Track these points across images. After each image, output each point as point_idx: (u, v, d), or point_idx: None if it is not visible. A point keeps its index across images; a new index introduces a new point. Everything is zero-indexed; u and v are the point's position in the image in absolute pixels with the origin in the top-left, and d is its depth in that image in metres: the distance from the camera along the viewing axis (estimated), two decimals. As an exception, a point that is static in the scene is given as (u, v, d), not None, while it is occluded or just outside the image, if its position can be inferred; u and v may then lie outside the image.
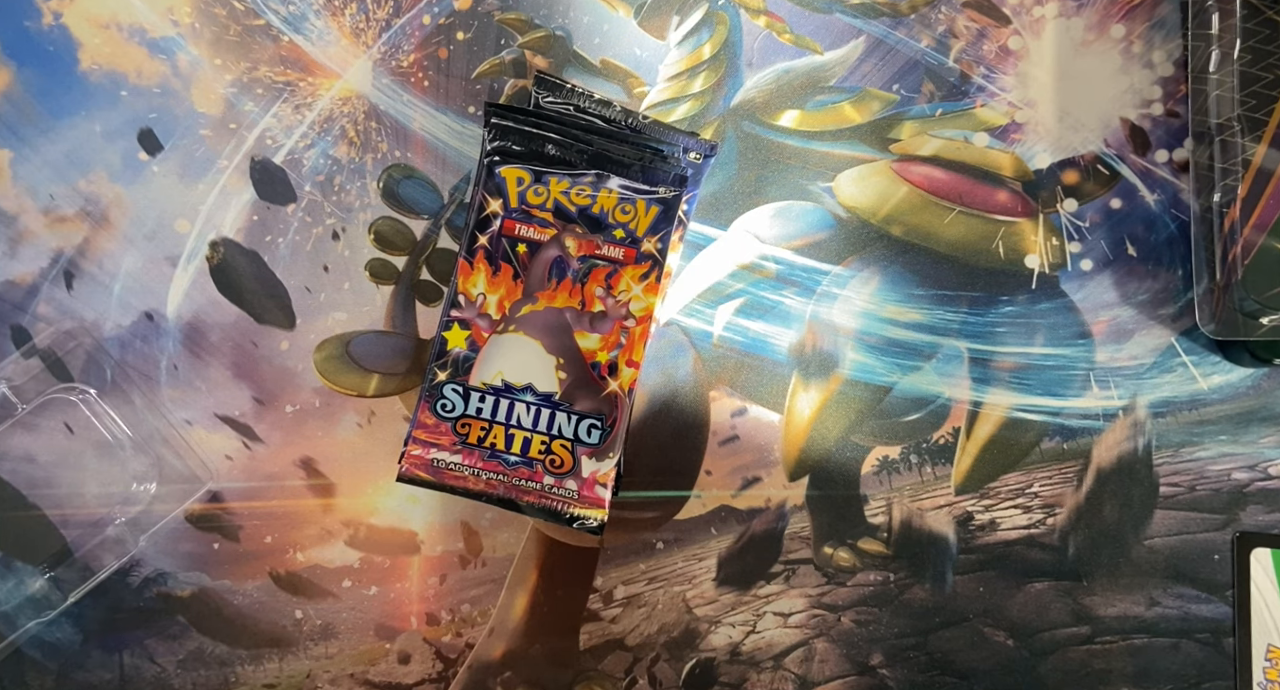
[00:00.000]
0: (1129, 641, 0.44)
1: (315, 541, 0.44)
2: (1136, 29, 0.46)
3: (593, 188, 0.41)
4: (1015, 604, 0.45)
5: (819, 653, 0.45)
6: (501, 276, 0.42)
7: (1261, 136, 0.42)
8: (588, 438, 0.41)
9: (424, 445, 0.41)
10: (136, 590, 0.44)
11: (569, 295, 0.41)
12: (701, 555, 0.45)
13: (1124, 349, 0.46)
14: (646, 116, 0.43)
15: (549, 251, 0.42)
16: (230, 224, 0.45)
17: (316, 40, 0.45)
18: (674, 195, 0.42)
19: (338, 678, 0.44)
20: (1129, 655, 0.44)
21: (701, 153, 0.43)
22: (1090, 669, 0.44)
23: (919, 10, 0.46)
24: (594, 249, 0.42)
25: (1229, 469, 0.45)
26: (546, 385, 0.41)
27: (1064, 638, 0.45)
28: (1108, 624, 0.44)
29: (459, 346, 0.41)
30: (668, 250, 0.42)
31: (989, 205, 0.46)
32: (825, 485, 0.46)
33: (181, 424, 0.44)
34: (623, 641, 0.45)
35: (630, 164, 0.42)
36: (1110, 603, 0.45)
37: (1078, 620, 0.45)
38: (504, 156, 0.42)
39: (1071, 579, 0.45)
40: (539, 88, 0.43)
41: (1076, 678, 0.44)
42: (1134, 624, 0.44)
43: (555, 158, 0.42)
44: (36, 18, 0.44)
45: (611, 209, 0.41)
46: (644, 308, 0.42)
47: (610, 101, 0.43)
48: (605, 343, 0.41)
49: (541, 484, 0.41)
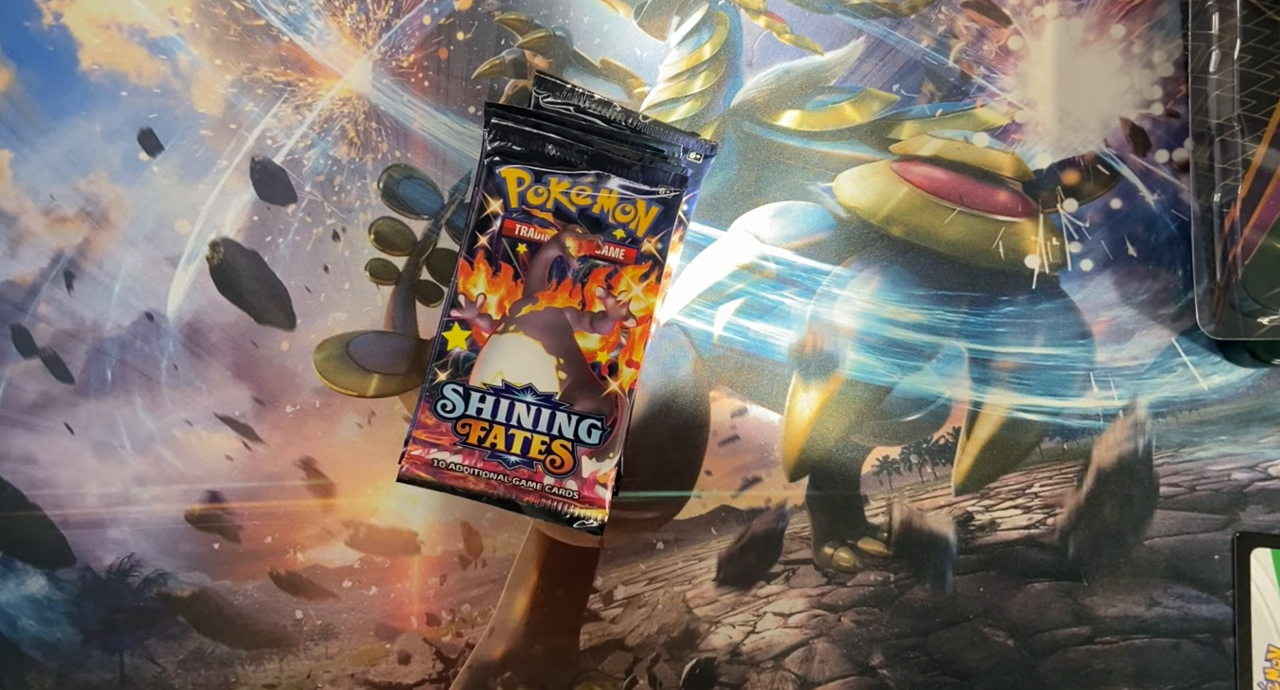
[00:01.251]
0: (1129, 641, 0.44)
1: (315, 541, 0.44)
2: (1136, 29, 0.46)
3: (593, 188, 0.41)
4: (1015, 604, 0.45)
5: (819, 653, 0.45)
6: (502, 277, 0.42)
7: (1261, 136, 0.42)
8: (588, 438, 0.41)
9: (424, 445, 0.41)
10: (136, 590, 0.44)
11: (569, 295, 0.41)
12: (702, 555, 0.45)
13: (1124, 349, 0.46)
14: (646, 117, 0.43)
15: (549, 252, 0.41)
16: (230, 224, 0.45)
17: (317, 40, 0.45)
18: (674, 195, 0.42)
19: (338, 678, 0.44)
20: (1129, 655, 0.44)
21: (702, 153, 0.43)
22: (1090, 669, 0.44)
23: (919, 10, 0.46)
24: (594, 249, 0.41)
25: (1229, 469, 0.45)
26: (547, 385, 0.41)
27: (1064, 638, 0.45)
28: (1108, 624, 0.44)
29: (459, 347, 0.41)
30: (668, 250, 0.42)
31: (989, 205, 0.46)
32: (825, 485, 0.46)
33: (181, 424, 0.44)
34: (623, 641, 0.45)
35: (630, 164, 0.42)
36: (1110, 603, 0.45)
37: (1078, 620, 0.45)
38: (504, 157, 0.42)
39: (1071, 579, 0.45)
40: (539, 88, 0.43)
41: (1076, 678, 0.44)
42: (1134, 624, 0.44)
43: (556, 158, 0.42)
44: (37, 18, 0.44)
45: (612, 209, 0.41)
46: (644, 308, 0.42)
47: (610, 102, 0.43)
48: (605, 343, 0.41)
49: (542, 484, 0.41)
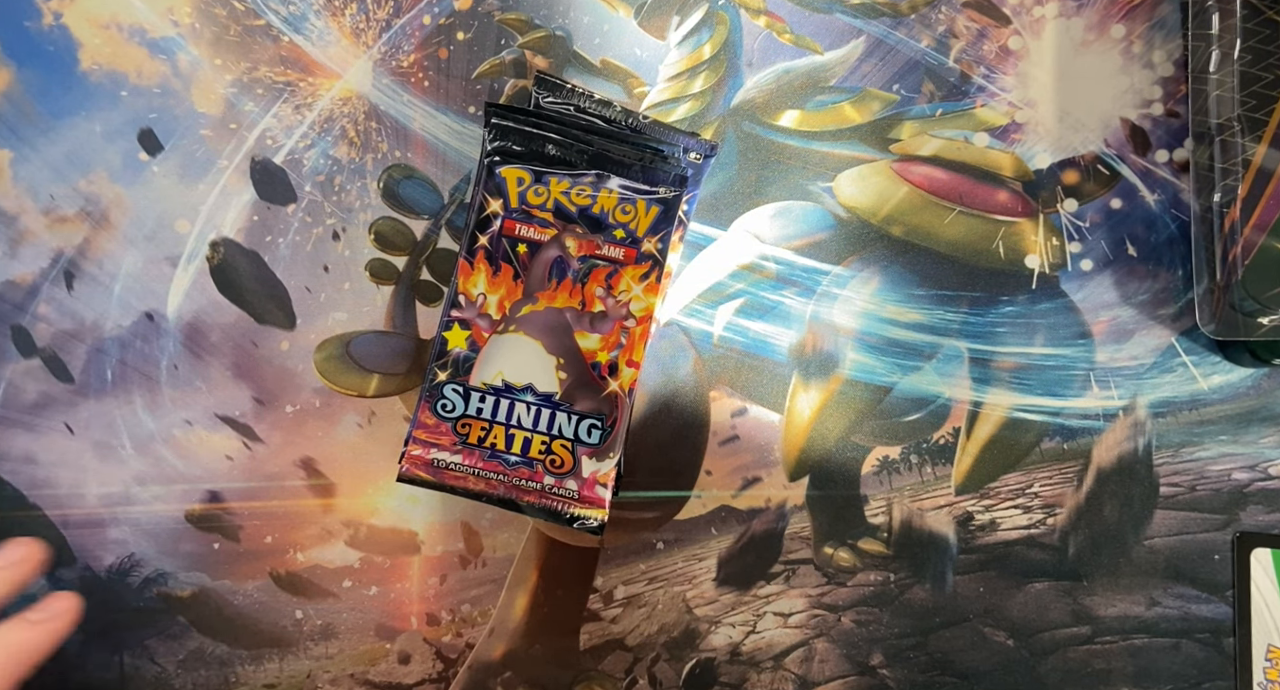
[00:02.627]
0: (1129, 641, 0.44)
1: (315, 541, 0.44)
2: (1136, 29, 0.46)
3: (593, 188, 0.41)
4: (1015, 604, 0.45)
5: (819, 653, 0.45)
6: (502, 276, 0.42)
7: (1261, 136, 0.42)
8: (588, 438, 0.41)
9: (424, 445, 0.41)
10: (136, 590, 0.44)
11: (569, 295, 0.41)
12: (701, 555, 0.45)
13: (1124, 349, 0.46)
14: (646, 116, 0.43)
15: (549, 251, 0.41)
16: (230, 224, 0.45)
17: (317, 40, 0.45)
18: (674, 195, 0.41)
19: (338, 678, 0.44)
20: (1129, 655, 0.44)
21: (701, 153, 0.43)
22: (1090, 669, 0.44)
23: (919, 10, 0.46)
24: (594, 249, 0.41)
25: (1229, 469, 0.45)
26: (547, 385, 0.41)
27: (1064, 638, 0.45)
28: (1108, 624, 0.44)
29: (459, 346, 0.41)
30: (668, 250, 0.42)
31: (989, 205, 0.46)
32: (825, 485, 0.46)
33: (181, 424, 0.44)
34: (623, 641, 0.45)
35: (630, 164, 0.42)
36: (1110, 603, 0.45)
37: (1078, 620, 0.45)
38: (504, 157, 0.42)
39: (1071, 579, 0.45)
40: (539, 88, 0.43)
41: (1076, 678, 0.44)
42: (1134, 624, 0.44)
43: (555, 158, 0.42)
44: (37, 18, 0.44)
45: (612, 209, 0.41)
46: (644, 308, 0.41)
47: (610, 101, 0.43)
48: (605, 343, 0.41)
49: (542, 484, 0.41)
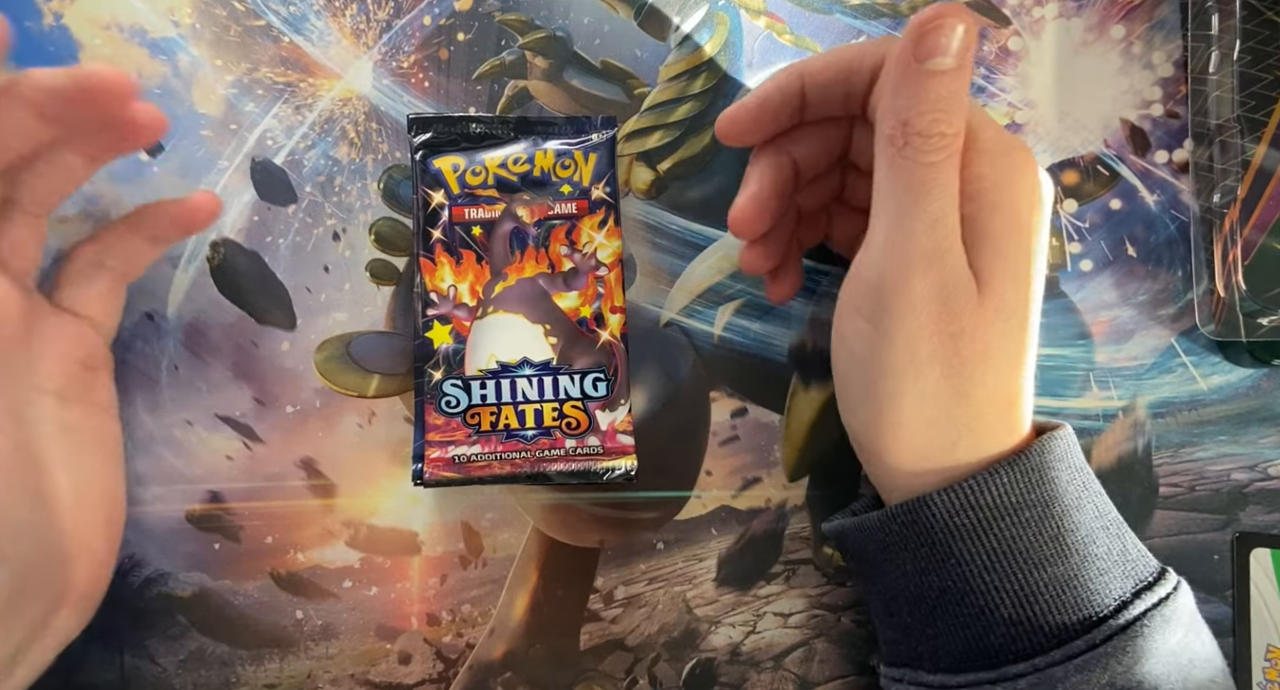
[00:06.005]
0: (1129, 641, 0.44)
1: (316, 542, 0.44)
2: (1136, 29, 0.46)
3: (526, 153, 0.42)
4: (1015, 604, 0.45)
5: (819, 653, 0.45)
6: (465, 263, 0.42)
7: (1261, 137, 0.42)
8: (595, 392, 0.41)
9: (441, 446, 0.41)
10: (136, 590, 0.44)
11: (536, 262, 0.42)
12: (701, 555, 0.45)
13: (1124, 349, 0.46)
14: (533, 116, 0.44)
15: (504, 225, 0.42)
16: (231, 225, 0.45)
17: (317, 41, 0.45)
18: (609, 136, 0.42)
19: (338, 678, 0.44)
20: (1129, 655, 0.44)
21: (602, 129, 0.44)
22: (1090, 669, 0.44)
23: (919, 10, 0.46)
24: (546, 211, 0.42)
25: (1229, 469, 0.45)
26: (541, 354, 0.41)
27: (1064, 638, 0.45)
28: (1108, 624, 0.44)
29: (445, 342, 0.41)
30: (617, 192, 0.42)
31: (989, 206, 0.45)
32: (825, 485, 0.46)
33: (182, 424, 0.44)
34: (623, 642, 0.45)
35: (554, 122, 0.43)
36: (1110, 603, 0.45)
37: (1078, 620, 0.45)
38: (432, 148, 0.42)
39: (1071, 579, 0.45)
40: (411, 130, 0.43)
41: (1076, 678, 0.44)
42: (1134, 624, 0.44)
43: (482, 134, 0.42)
44: (37, 18, 0.44)
45: (552, 167, 0.42)
46: (611, 253, 0.42)
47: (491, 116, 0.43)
48: (584, 297, 0.42)
49: (565, 449, 0.41)
